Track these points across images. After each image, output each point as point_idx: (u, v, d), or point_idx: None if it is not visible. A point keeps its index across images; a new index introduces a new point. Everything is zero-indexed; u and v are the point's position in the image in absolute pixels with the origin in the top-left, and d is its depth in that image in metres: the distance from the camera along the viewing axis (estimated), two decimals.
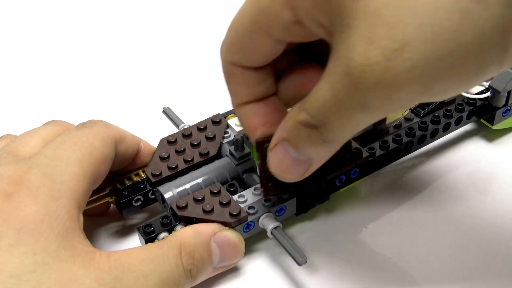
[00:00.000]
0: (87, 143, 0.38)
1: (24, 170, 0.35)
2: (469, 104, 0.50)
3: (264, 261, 0.42)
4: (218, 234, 0.39)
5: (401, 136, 0.47)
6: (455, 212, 0.45)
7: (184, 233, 0.38)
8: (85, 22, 0.71)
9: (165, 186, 0.42)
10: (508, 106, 0.50)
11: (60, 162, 0.36)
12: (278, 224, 0.40)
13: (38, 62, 0.65)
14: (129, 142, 0.42)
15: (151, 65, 0.63)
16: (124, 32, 0.69)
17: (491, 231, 0.44)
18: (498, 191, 0.47)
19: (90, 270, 0.33)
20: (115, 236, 0.45)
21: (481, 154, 0.50)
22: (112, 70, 0.63)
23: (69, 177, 0.36)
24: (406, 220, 0.45)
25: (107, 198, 0.43)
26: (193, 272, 0.37)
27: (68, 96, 0.59)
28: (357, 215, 0.45)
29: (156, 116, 0.52)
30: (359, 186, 0.48)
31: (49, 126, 0.41)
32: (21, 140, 0.39)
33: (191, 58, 0.64)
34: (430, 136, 0.48)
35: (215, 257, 0.39)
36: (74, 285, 0.32)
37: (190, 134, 0.46)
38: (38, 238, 0.33)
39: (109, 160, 0.40)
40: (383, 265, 0.42)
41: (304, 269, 0.41)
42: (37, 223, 0.33)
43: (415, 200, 0.47)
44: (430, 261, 0.42)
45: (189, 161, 0.44)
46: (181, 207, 0.40)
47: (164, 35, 0.68)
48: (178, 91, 0.59)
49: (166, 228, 0.40)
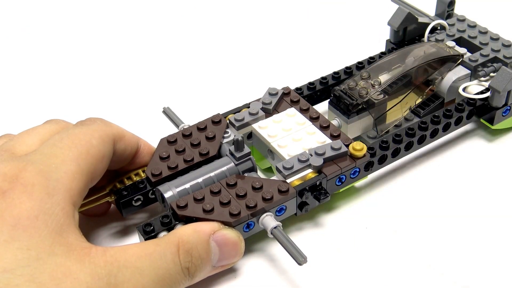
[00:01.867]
0: (85, 141, 0.38)
1: (20, 168, 0.35)
2: (469, 104, 0.50)
3: (264, 261, 0.42)
4: (218, 232, 0.39)
5: (401, 136, 0.47)
6: (455, 212, 0.46)
7: (183, 231, 0.38)
8: (85, 21, 0.71)
9: (165, 186, 0.42)
10: (508, 106, 0.50)
11: (56, 160, 0.36)
12: (278, 224, 0.40)
13: (38, 62, 0.65)
14: (128, 141, 0.42)
15: (151, 65, 0.63)
16: (124, 32, 0.69)
17: (491, 231, 0.44)
18: (498, 191, 0.47)
19: (85, 264, 0.33)
20: (115, 236, 0.45)
21: (481, 154, 0.50)
22: (112, 70, 0.63)
23: (65, 174, 0.36)
24: (405, 220, 0.45)
25: (107, 198, 0.43)
26: (191, 270, 0.37)
27: (68, 96, 0.59)
28: (357, 215, 0.45)
29: (156, 116, 0.52)
30: (359, 186, 0.48)
31: (47, 124, 0.41)
32: (19, 138, 0.39)
33: (191, 58, 0.65)
34: (430, 136, 0.48)
35: (214, 256, 0.39)
36: (68, 280, 0.33)
37: (190, 134, 0.46)
38: (33, 234, 0.33)
39: (106, 158, 0.40)
40: (383, 265, 0.42)
41: (304, 269, 0.41)
42: (31, 220, 0.33)
43: (415, 200, 0.47)
44: (430, 261, 0.42)
45: (189, 161, 0.44)
46: (181, 206, 0.40)
47: (164, 35, 0.68)
48: (178, 91, 0.59)
49: (166, 227, 0.40)
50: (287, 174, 0.42)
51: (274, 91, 0.49)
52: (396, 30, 0.56)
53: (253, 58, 0.64)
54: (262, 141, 0.46)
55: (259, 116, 0.47)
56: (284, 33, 0.68)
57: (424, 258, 0.42)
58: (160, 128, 0.50)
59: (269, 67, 0.62)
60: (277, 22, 0.70)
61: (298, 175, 0.43)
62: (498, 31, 0.57)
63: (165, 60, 0.64)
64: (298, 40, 0.67)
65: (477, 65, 0.52)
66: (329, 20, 0.70)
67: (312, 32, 0.68)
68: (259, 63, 0.63)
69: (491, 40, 0.54)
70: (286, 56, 0.64)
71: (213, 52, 0.65)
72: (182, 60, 0.64)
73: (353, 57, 0.57)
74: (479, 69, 0.51)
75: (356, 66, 0.54)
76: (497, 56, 0.53)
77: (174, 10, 0.72)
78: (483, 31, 0.55)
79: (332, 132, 0.46)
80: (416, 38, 0.57)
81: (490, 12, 0.68)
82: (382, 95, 0.49)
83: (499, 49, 0.53)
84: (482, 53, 0.52)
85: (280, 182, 0.42)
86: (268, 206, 0.41)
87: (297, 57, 0.64)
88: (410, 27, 0.56)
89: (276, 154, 0.45)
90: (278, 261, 0.42)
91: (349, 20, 0.70)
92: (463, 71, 0.51)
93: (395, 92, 0.49)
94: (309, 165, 0.43)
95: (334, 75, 0.53)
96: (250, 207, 0.40)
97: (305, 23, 0.69)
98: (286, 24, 0.69)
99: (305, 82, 0.53)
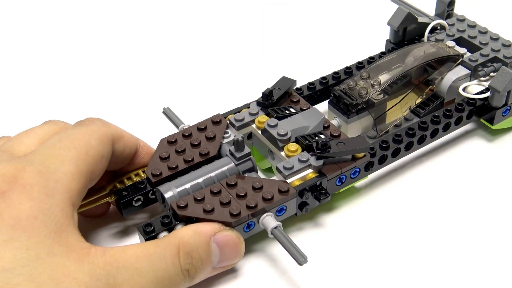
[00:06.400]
0: (83, 142, 0.38)
1: (19, 168, 0.35)
2: (469, 104, 0.50)
3: (265, 261, 0.42)
4: (218, 234, 0.39)
5: (401, 136, 0.47)
6: (455, 211, 0.46)
7: (183, 232, 0.38)
8: (84, 21, 0.71)
9: (165, 186, 0.42)
10: (507, 106, 0.50)
11: (55, 161, 0.36)
12: (279, 224, 0.40)
13: (38, 62, 0.64)
14: (127, 141, 0.42)
15: (151, 66, 0.63)
16: (124, 32, 0.69)
17: (491, 231, 0.44)
18: (498, 191, 0.47)
19: (84, 265, 0.33)
20: (115, 236, 0.45)
21: (481, 153, 0.50)
22: (112, 70, 0.63)
23: (64, 175, 0.36)
24: (406, 220, 0.45)
25: (107, 198, 0.43)
26: (191, 272, 0.37)
27: (68, 97, 0.59)
28: (357, 215, 0.45)
29: (156, 116, 0.52)
30: (359, 186, 0.48)
31: (46, 125, 0.41)
32: (17, 139, 0.39)
33: (191, 58, 0.64)
34: (430, 136, 0.48)
35: (215, 257, 0.39)
36: (67, 280, 0.33)
37: (190, 134, 0.46)
38: (32, 234, 0.33)
39: (105, 159, 0.40)
40: (383, 265, 0.42)
41: (305, 269, 0.41)
42: (31, 220, 0.33)
43: (415, 200, 0.47)
44: (430, 261, 0.42)
45: (189, 161, 0.44)
46: (181, 206, 0.40)
47: (164, 35, 0.68)
48: (178, 91, 0.59)
49: (166, 228, 0.40)
50: (287, 174, 0.42)
51: None
52: (396, 30, 0.56)
53: (253, 58, 0.64)
54: (262, 141, 0.46)
55: (259, 117, 0.47)
56: (284, 33, 0.68)
57: (424, 258, 0.42)
58: (160, 129, 0.50)
59: (269, 67, 0.62)
60: (277, 22, 0.70)
61: (299, 175, 0.43)
62: (498, 31, 0.57)
63: (165, 60, 0.64)
64: (298, 40, 0.67)
65: (477, 65, 0.52)
66: (329, 20, 0.70)
67: (312, 32, 0.68)
68: (259, 63, 0.63)
69: (491, 40, 0.54)
70: (286, 56, 0.64)
71: (213, 52, 0.65)
72: (182, 60, 0.64)
73: (353, 57, 0.57)
74: (479, 69, 0.51)
75: (356, 66, 0.54)
76: (497, 56, 0.53)
77: (174, 10, 0.72)
78: (483, 31, 0.55)
79: (332, 132, 0.46)
80: (416, 38, 0.57)
81: (490, 12, 0.68)
82: (382, 95, 0.49)
83: (499, 49, 0.53)
84: (482, 53, 0.52)
85: (281, 182, 0.42)
86: (268, 206, 0.41)
87: (297, 57, 0.64)
88: (410, 27, 0.56)
89: (276, 154, 0.45)
90: (279, 261, 0.42)
91: (349, 20, 0.70)
92: (463, 71, 0.51)
93: (395, 92, 0.49)
94: (310, 165, 0.43)
95: (334, 75, 0.53)
96: (251, 207, 0.40)
97: (305, 23, 0.69)
98: (286, 24, 0.69)
99: (305, 82, 0.53)
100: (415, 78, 0.50)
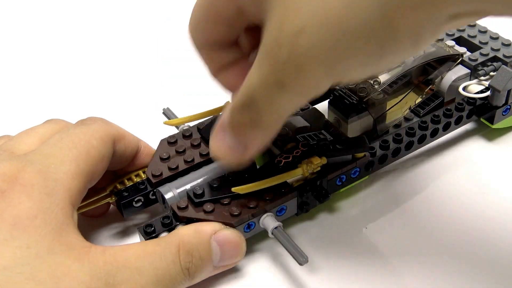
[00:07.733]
0: (84, 141, 0.38)
1: (19, 168, 0.35)
2: (469, 103, 0.50)
3: (265, 261, 0.42)
4: (219, 233, 0.39)
5: (401, 136, 0.47)
6: (455, 211, 0.46)
7: (183, 231, 0.38)
8: (85, 21, 0.71)
9: (166, 187, 0.42)
10: (508, 105, 0.50)
11: (55, 160, 0.36)
12: (279, 224, 0.40)
13: (38, 62, 0.64)
14: (128, 142, 0.42)
15: (151, 66, 0.63)
16: (124, 32, 0.69)
17: (491, 231, 0.44)
18: (498, 191, 0.47)
19: (84, 264, 0.34)
20: (115, 237, 0.45)
21: (481, 153, 0.50)
22: (112, 71, 0.63)
23: (64, 175, 0.36)
24: (406, 220, 0.45)
25: (107, 199, 0.43)
26: (191, 271, 0.37)
27: (69, 96, 0.59)
28: (357, 215, 0.46)
29: (156, 116, 0.52)
30: (359, 186, 0.48)
31: (47, 124, 0.41)
32: (18, 138, 0.39)
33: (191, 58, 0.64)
34: (430, 136, 0.48)
35: (216, 256, 0.39)
36: (67, 278, 0.33)
37: (190, 135, 0.46)
38: (32, 233, 0.33)
39: (106, 159, 0.40)
40: (383, 265, 0.42)
41: (305, 269, 0.41)
42: (31, 219, 0.33)
43: (415, 200, 0.47)
44: (430, 261, 0.42)
45: (189, 162, 0.44)
46: (182, 207, 0.40)
47: (164, 35, 0.68)
48: (178, 91, 0.59)
49: (167, 228, 0.40)
50: None
51: None
52: None
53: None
54: None
55: None
56: None
57: (424, 258, 0.42)
58: (161, 129, 0.50)
59: None
60: None
61: None
62: (498, 30, 0.57)
63: (165, 60, 0.64)
64: None
65: (477, 64, 0.52)
66: None
67: None
68: None
69: (491, 39, 0.54)
70: None
71: None
72: (182, 60, 0.64)
73: None
74: (479, 68, 0.51)
75: None
76: (497, 55, 0.53)
77: (174, 10, 0.72)
78: (482, 30, 0.55)
79: (332, 132, 0.46)
80: None
81: None
82: (381, 94, 0.49)
83: (499, 48, 0.53)
84: (481, 52, 0.52)
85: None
86: (268, 207, 0.41)
87: None
88: None
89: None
90: (279, 261, 0.42)
91: None
92: (463, 70, 0.51)
93: (395, 91, 0.49)
94: None
95: None
96: (251, 208, 0.40)
97: None
98: None
99: None
100: (415, 78, 0.50)
